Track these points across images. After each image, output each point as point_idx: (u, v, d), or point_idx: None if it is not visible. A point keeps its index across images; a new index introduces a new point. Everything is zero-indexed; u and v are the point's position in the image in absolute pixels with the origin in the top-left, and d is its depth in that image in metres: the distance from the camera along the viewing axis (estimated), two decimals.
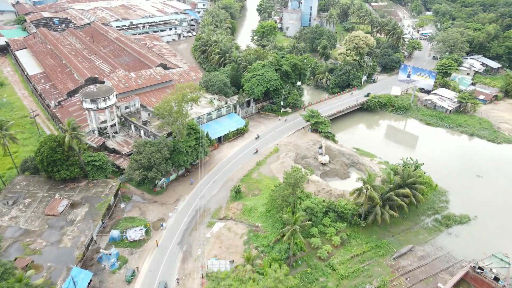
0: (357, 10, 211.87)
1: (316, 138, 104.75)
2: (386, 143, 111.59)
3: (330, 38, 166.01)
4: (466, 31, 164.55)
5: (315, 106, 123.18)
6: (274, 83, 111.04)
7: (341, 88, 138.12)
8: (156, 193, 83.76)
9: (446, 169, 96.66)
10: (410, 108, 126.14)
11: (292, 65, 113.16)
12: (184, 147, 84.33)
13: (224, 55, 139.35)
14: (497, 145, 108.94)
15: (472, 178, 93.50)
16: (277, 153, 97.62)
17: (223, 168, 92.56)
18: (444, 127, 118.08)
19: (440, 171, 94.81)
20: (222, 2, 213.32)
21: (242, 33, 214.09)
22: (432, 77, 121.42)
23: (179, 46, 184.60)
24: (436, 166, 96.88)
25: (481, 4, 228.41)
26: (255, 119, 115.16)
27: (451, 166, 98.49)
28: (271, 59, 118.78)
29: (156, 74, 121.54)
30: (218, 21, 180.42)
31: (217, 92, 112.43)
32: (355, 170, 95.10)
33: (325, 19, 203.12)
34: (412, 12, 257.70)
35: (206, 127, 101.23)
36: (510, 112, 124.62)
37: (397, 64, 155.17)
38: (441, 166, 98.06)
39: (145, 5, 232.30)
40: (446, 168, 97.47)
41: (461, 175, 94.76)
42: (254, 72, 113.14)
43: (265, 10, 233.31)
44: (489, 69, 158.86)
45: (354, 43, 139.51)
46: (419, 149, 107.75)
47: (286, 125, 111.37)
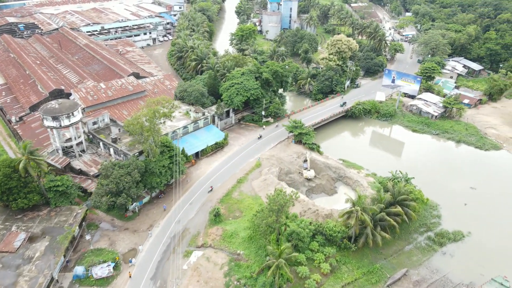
0: (338, 12, 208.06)
1: (300, 150, 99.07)
2: (372, 152, 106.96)
3: (311, 41, 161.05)
4: (448, 33, 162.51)
5: (298, 114, 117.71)
6: (255, 92, 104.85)
7: (324, 94, 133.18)
8: (127, 219, 76.25)
9: (435, 180, 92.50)
10: (395, 114, 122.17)
11: (273, 73, 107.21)
12: (157, 168, 77.13)
13: (201, 61, 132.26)
14: (485, 152, 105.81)
15: (462, 189, 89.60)
16: (259, 168, 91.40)
17: (201, 187, 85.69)
18: (430, 134, 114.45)
19: (429, 182, 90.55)
20: (199, 5, 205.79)
21: (220, 37, 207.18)
22: (417, 82, 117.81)
23: (154, 52, 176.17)
24: (425, 177, 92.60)
25: (459, 4, 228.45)
26: (235, 131, 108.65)
27: (440, 177, 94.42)
28: (251, 66, 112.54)
29: (128, 84, 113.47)
30: (194, 25, 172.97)
31: (194, 103, 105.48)
32: (342, 184, 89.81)
33: (305, 22, 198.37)
34: (392, 13, 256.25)
35: (182, 141, 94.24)
36: (495, 117, 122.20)
37: (380, 68, 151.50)
38: (430, 176, 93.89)
39: (118, 8, 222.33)
40: (435, 178, 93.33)
41: (451, 186, 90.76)
42: (233, 80, 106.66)
43: (243, 12, 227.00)
44: (471, 71, 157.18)
45: (337, 47, 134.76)
46: (407, 158, 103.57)
47: (268, 137, 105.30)
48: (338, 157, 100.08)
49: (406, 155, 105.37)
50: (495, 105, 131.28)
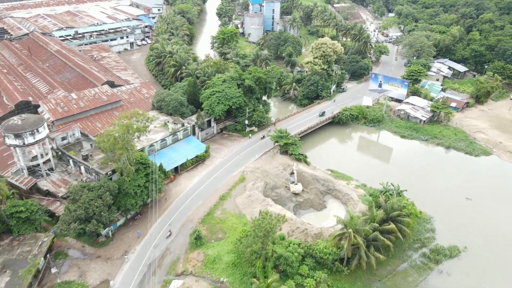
0: (321, 13, 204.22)
1: (286, 162, 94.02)
2: (361, 160, 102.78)
3: (295, 44, 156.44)
4: (432, 34, 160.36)
5: (283, 122, 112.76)
6: (237, 101, 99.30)
7: (310, 99, 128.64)
8: (100, 245, 69.73)
9: (426, 190, 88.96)
10: (383, 120, 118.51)
11: (256, 79, 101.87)
12: (132, 188, 70.82)
13: (180, 67, 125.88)
14: (475, 158, 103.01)
15: (456, 200, 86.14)
16: (244, 183, 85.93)
17: (181, 205, 79.67)
18: (419, 140, 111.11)
19: (421, 192, 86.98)
20: (178, 7, 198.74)
21: (201, 40, 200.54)
22: (405, 86, 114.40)
23: (132, 57, 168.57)
24: (416, 187, 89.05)
25: (441, 5, 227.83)
26: (218, 141, 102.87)
27: (431, 186, 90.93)
28: (232, 72, 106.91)
29: (102, 94, 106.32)
30: (173, 28, 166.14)
31: (172, 113, 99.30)
32: (331, 197, 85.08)
33: (288, 23, 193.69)
34: (375, 13, 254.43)
35: (160, 155, 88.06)
36: (483, 120, 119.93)
37: (365, 71, 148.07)
38: (421, 186, 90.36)
39: (94, 11, 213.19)
40: (426, 188, 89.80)
41: (444, 196, 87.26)
42: (214, 88, 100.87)
43: (225, 14, 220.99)
44: (456, 72, 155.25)
45: (321, 51, 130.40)
46: (397, 166, 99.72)
47: (253, 147, 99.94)
48: (326, 167, 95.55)
49: (395, 163, 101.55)
50: (482, 108, 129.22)
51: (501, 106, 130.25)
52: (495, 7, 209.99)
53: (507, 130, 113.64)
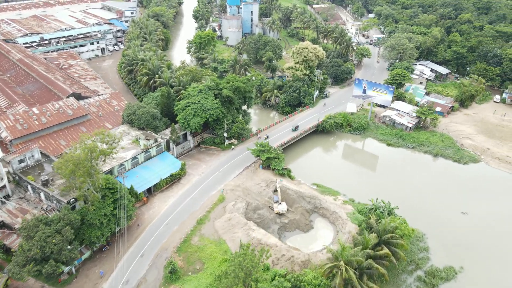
0: (300, 15, 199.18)
1: (269, 177, 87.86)
2: (347, 171, 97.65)
3: (275, 48, 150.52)
4: (414, 36, 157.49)
5: (265, 132, 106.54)
6: (214, 113, 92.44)
7: (292, 106, 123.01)
8: (61, 284, 61.86)
9: (416, 203, 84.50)
10: (368, 127, 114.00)
11: (234, 89, 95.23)
12: (97, 218, 63.21)
13: (153, 76, 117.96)
14: (463, 166, 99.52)
15: (446, 213, 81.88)
16: (223, 203, 79.26)
17: (155, 232, 72.37)
18: (406, 147, 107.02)
19: (411, 206, 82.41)
20: (152, 10, 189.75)
21: (178, 45, 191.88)
22: (390, 92, 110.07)
23: (103, 64, 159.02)
24: (406, 199, 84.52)
25: (420, 5, 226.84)
26: (195, 156, 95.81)
27: (421, 198, 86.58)
28: (209, 81, 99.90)
29: (67, 108, 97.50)
30: (147, 33, 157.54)
31: (145, 127, 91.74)
32: (318, 216, 79.31)
33: (267, 26, 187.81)
34: (354, 14, 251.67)
35: (131, 176, 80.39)
36: (469, 125, 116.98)
37: (348, 75, 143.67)
38: (411, 198, 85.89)
39: (63, 15, 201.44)
40: (416, 201, 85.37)
41: (435, 209, 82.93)
42: (189, 99, 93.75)
43: (202, 17, 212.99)
44: (438, 75, 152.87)
45: (303, 56, 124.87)
46: (384, 177, 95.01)
47: (233, 162, 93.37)
48: (311, 181, 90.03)
49: (382, 174, 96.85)
50: (467, 111, 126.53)
51: (486, 110, 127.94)
52: (473, 7, 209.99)
53: (493, 135, 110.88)
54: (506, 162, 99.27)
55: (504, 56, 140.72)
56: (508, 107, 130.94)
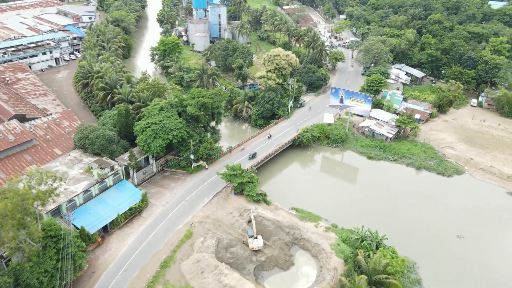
0: (271, 17, 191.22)
1: (242, 205, 78.79)
2: (327, 190, 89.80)
3: (245, 54, 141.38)
4: (388, 39, 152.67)
5: (237, 150, 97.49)
6: (178, 133, 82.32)
7: (265, 118, 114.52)
8: None
9: (404, 225, 78.06)
10: (347, 139, 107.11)
11: (200, 106, 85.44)
12: (35, 276, 52.14)
13: (110, 91, 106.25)
14: (448, 179, 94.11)
15: (436, 235, 75.63)
16: (191, 240, 69.51)
17: (111, 281, 61.71)
18: (387, 160, 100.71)
19: (398, 228, 76.18)
20: (112, 15, 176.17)
21: (141, 52, 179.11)
22: (368, 102, 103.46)
23: (57, 75, 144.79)
24: (392, 221, 78.19)
25: (390, 5, 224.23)
26: (158, 183, 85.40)
27: (409, 218, 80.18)
28: (172, 97, 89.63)
29: (8, 133, 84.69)
30: (105, 41, 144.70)
31: (100, 152, 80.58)
32: (299, 249, 70.87)
33: (236, 30, 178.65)
34: (325, 15, 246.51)
35: (83, 213, 69.48)
36: (449, 132, 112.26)
37: (323, 82, 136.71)
38: (397, 220, 79.42)
39: (13, 22, 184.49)
40: (404, 223, 78.88)
41: (425, 231, 76.55)
42: (149, 119, 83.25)
43: (167, 20, 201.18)
44: (414, 78, 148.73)
45: (275, 64, 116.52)
46: (367, 195, 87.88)
47: (202, 187, 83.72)
48: (289, 205, 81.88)
49: (365, 191, 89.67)
50: (446, 117, 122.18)
51: (464, 115, 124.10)
52: (442, 7, 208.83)
53: (475, 143, 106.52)
54: (490, 173, 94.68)
55: (478, 59, 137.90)
56: (485, 111, 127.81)
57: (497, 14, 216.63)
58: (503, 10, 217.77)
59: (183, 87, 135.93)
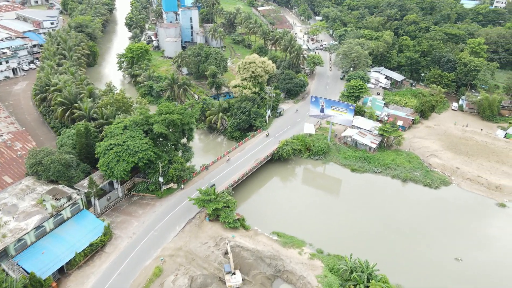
0: (245, 20, 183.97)
1: (218, 232, 71.41)
2: (311, 209, 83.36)
3: (218, 60, 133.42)
4: (366, 42, 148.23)
5: (212, 168, 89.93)
6: (144, 155, 74.04)
7: (242, 131, 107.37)
8: None
9: (395, 245, 72.81)
10: (329, 150, 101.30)
11: (168, 123, 77.26)
12: None
13: (70, 106, 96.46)
14: (435, 191, 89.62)
15: (428, 257, 70.57)
16: (160, 278, 61.71)
17: None
18: (372, 172, 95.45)
19: (388, 250, 70.95)
20: (74, 20, 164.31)
21: (109, 59, 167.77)
22: (350, 111, 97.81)
23: (14, 87, 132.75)
24: (381, 242, 73.01)
25: (365, 6, 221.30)
26: (124, 210, 76.80)
27: (399, 237, 74.99)
28: (138, 114, 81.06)
29: None
30: (66, 49, 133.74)
31: (56, 179, 71.46)
32: (282, 283, 64.15)
33: (209, 34, 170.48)
34: (301, 16, 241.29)
35: (34, 253, 60.59)
36: (433, 139, 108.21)
37: (302, 88, 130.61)
38: (387, 240, 74.08)
39: None
40: (394, 242, 73.66)
41: (417, 252, 71.40)
42: (112, 140, 74.61)
43: (136, 25, 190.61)
44: (393, 82, 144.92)
45: (250, 71, 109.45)
46: (352, 213, 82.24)
47: (173, 214, 75.78)
48: (270, 229, 75.28)
49: (350, 209, 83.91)
50: (428, 123, 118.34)
51: (446, 120, 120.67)
52: (417, 7, 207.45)
53: (459, 150, 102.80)
54: (478, 183, 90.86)
55: (457, 61, 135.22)
56: (466, 115, 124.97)
57: (471, 14, 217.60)
58: (476, 9, 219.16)
59: (153, 97, 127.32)
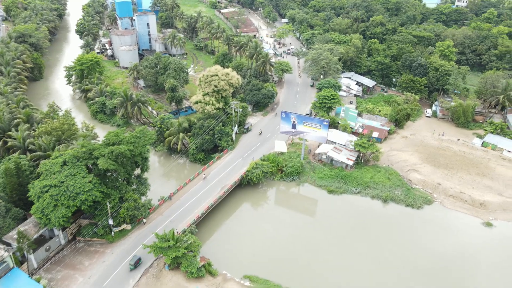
0: (207, 25, 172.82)
1: (180, 285, 60.84)
2: (286, 242, 74.36)
3: (178, 71, 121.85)
4: (335, 47, 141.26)
5: (174, 199, 79.02)
6: (88, 197, 62.18)
7: (206, 152, 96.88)
8: None
9: (384, 279, 65.02)
10: (304, 170, 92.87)
11: (116, 157, 65.57)
12: None
13: (3, 134, 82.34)
14: (418, 212, 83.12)
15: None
16: None
17: None
18: (350, 193, 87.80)
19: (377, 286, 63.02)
20: (16, 29, 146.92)
21: (58, 71, 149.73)
22: (324, 127, 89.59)
23: None
24: (366, 278, 64.87)
25: (331, 7, 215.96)
26: (68, 262, 64.57)
27: (385, 272, 67.35)
28: (81, 146, 68.58)
29: None
30: (3, 64, 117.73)
31: None
32: None
33: (168, 41, 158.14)
34: (266, 19, 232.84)
35: None
36: (411, 151, 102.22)
37: (270, 100, 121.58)
38: (372, 274, 66.27)
39: None
40: (382, 277, 65.86)
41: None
42: (48, 179, 62.24)
43: (88, 32, 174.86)
44: (365, 88, 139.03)
45: (213, 86, 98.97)
46: (334, 245, 74.04)
47: (127, 262, 64.35)
48: (241, 272, 65.93)
49: (329, 239, 75.62)
50: (404, 132, 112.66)
51: (421, 128, 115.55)
52: (382, 8, 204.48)
53: (438, 162, 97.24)
54: (461, 200, 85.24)
55: (429, 66, 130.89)
56: (441, 122, 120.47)
57: (434, 14, 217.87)
58: (439, 9, 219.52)
59: (106, 115, 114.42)
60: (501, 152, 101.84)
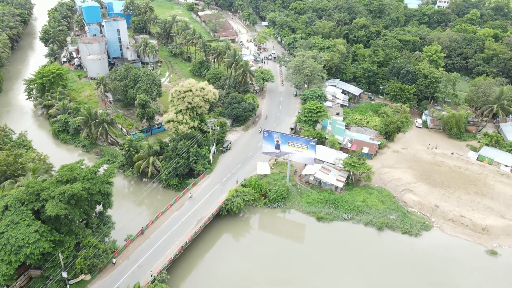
0: (183, 30, 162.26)
1: None
2: (271, 283, 65.67)
3: (150, 84, 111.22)
4: (319, 54, 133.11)
5: (144, 238, 68.92)
6: (34, 249, 51.61)
7: (180, 177, 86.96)
8: None
9: None
10: (289, 194, 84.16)
11: (69, 198, 55.10)
12: None
13: None
14: (416, 240, 75.55)
15: None
16: None
17: None
18: (341, 220, 79.62)
19: None
20: None
21: (20, 84, 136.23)
22: (311, 147, 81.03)
23: None
24: None
25: (313, 9, 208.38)
26: None
27: None
28: (26, 186, 57.64)
29: None
30: None
31: None
32: None
33: (140, 49, 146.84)
34: (246, 21, 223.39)
35: None
36: (404, 168, 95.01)
37: (251, 113, 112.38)
38: None
39: None
40: None
41: None
42: None
43: (54, 39, 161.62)
44: (351, 96, 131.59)
45: (186, 102, 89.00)
46: (328, 285, 65.61)
47: None
48: None
49: (322, 278, 67.24)
50: (395, 146, 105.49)
51: (413, 140, 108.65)
52: (365, 10, 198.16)
53: (434, 180, 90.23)
54: (462, 224, 78.19)
55: (417, 73, 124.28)
56: (432, 133, 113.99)
57: (417, 15, 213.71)
58: (421, 10, 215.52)
59: (70, 135, 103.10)
60: (498, 166, 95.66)
